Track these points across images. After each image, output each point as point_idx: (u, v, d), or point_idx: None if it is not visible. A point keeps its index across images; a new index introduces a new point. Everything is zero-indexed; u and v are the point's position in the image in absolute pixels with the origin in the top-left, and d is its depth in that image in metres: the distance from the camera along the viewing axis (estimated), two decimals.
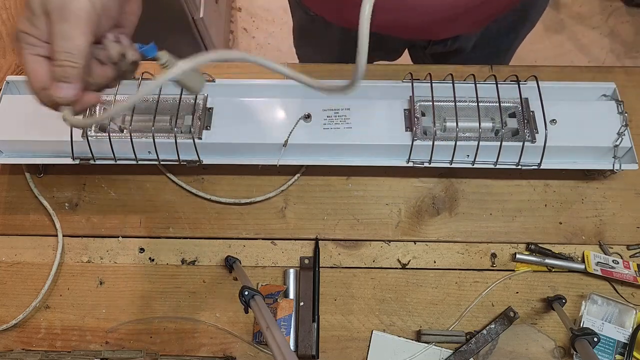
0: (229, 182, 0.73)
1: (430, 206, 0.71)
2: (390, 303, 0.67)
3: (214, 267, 0.69)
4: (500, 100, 0.67)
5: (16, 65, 0.80)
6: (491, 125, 0.68)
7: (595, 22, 1.98)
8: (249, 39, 1.97)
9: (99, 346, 0.66)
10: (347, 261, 0.69)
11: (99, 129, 0.67)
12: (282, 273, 0.69)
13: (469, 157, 0.66)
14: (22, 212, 0.72)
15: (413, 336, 0.66)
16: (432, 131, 0.66)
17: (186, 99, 0.68)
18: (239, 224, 0.71)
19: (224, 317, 0.67)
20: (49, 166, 0.74)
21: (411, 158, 0.67)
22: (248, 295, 0.53)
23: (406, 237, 0.70)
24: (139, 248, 0.70)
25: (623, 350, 0.64)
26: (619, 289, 0.67)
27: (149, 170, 0.73)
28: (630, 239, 0.69)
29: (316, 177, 0.73)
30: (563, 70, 0.77)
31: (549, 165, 0.67)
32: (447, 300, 0.67)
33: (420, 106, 0.68)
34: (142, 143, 0.66)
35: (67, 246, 0.70)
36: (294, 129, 0.67)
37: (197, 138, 0.66)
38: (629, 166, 0.66)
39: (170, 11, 1.34)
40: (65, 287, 0.69)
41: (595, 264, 0.67)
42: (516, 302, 0.67)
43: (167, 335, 0.66)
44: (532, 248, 0.68)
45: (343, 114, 0.68)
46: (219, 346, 0.66)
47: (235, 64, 0.79)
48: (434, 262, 0.69)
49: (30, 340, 0.67)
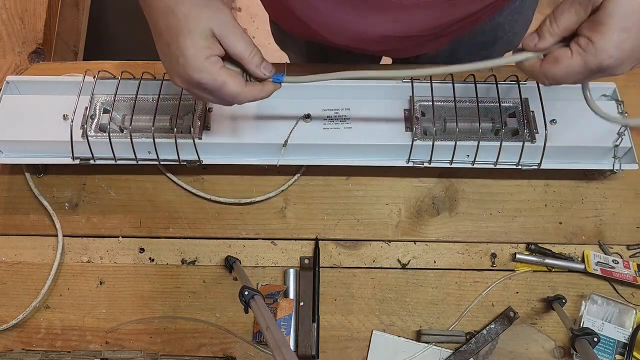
0: (229, 182, 0.73)
1: (430, 206, 0.71)
2: (390, 303, 0.67)
3: (214, 267, 0.69)
4: (500, 100, 0.67)
5: (16, 65, 0.80)
6: (491, 125, 0.68)
7: None
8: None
9: (99, 346, 0.66)
10: (347, 261, 0.69)
11: (99, 129, 0.67)
12: (282, 273, 0.69)
13: (469, 157, 0.66)
14: (22, 212, 0.72)
15: (413, 336, 0.66)
16: (432, 131, 0.66)
17: (186, 99, 0.68)
18: (239, 224, 0.71)
19: (224, 317, 0.67)
20: (49, 166, 0.74)
21: (411, 158, 0.67)
22: (248, 295, 0.53)
23: (406, 237, 0.70)
24: (139, 248, 0.70)
25: (623, 350, 0.64)
26: (619, 289, 0.67)
27: (149, 170, 0.73)
28: (630, 239, 0.69)
29: (316, 177, 0.73)
30: None
31: (549, 165, 0.67)
32: (447, 300, 0.67)
33: (420, 106, 0.68)
34: (142, 143, 0.66)
35: (67, 246, 0.70)
36: (293, 129, 0.67)
37: (197, 138, 0.66)
38: (629, 166, 0.66)
39: None
40: (65, 287, 0.69)
41: (595, 263, 0.67)
42: (516, 302, 0.67)
43: (167, 335, 0.66)
44: (532, 248, 0.68)
45: (343, 114, 0.68)
46: (219, 346, 0.66)
47: None
48: (434, 262, 0.69)
49: (30, 340, 0.67)
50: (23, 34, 0.82)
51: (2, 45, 0.81)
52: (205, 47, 0.47)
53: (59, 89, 0.70)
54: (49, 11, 0.83)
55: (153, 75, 0.69)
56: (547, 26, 0.45)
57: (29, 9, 0.83)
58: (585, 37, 0.43)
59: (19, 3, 0.83)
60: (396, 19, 0.58)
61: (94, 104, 0.68)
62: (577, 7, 0.43)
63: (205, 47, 0.47)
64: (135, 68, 0.74)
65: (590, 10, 0.43)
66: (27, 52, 0.81)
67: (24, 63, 0.80)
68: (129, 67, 0.73)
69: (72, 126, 0.65)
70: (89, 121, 0.67)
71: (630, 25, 0.41)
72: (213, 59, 0.48)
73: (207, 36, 0.47)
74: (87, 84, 0.68)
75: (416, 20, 0.59)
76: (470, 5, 0.60)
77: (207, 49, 0.47)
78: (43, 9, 0.83)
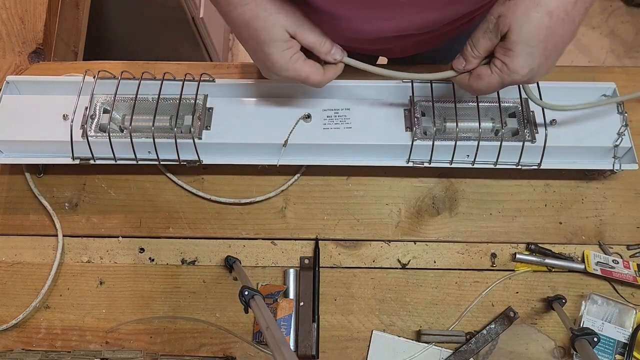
0: (229, 182, 0.73)
1: (430, 206, 0.71)
2: (390, 303, 0.67)
3: (214, 267, 0.69)
4: (500, 100, 0.67)
5: (16, 65, 0.80)
6: (491, 125, 0.68)
7: (595, 22, 1.98)
8: None
9: (99, 346, 0.66)
10: (347, 261, 0.69)
11: (99, 129, 0.67)
12: (282, 273, 0.69)
13: (469, 157, 0.66)
14: (22, 212, 0.72)
15: (413, 336, 0.66)
16: (432, 131, 0.66)
17: (186, 99, 0.68)
18: (239, 224, 0.71)
19: (224, 317, 0.67)
20: (49, 166, 0.74)
21: (411, 158, 0.67)
22: (248, 295, 0.53)
23: (406, 237, 0.70)
24: (139, 248, 0.70)
25: (623, 350, 0.64)
26: (618, 289, 0.67)
27: (149, 170, 0.73)
28: (630, 239, 0.69)
29: (316, 177, 0.73)
30: (563, 70, 0.77)
31: (549, 165, 0.67)
32: (447, 300, 0.67)
33: (420, 106, 0.68)
34: (142, 143, 0.66)
35: (67, 246, 0.70)
36: (294, 129, 0.67)
37: (197, 138, 0.66)
38: (629, 166, 0.66)
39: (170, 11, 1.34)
40: (65, 287, 0.69)
41: (595, 263, 0.67)
42: (516, 302, 0.67)
43: (167, 335, 0.66)
44: (532, 248, 0.68)
45: (343, 114, 0.68)
46: (219, 346, 0.66)
47: (234, 63, 0.79)
48: (434, 262, 0.69)
49: (30, 340, 0.67)
50: (23, 34, 0.82)
51: (2, 45, 0.81)
52: (286, 49, 0.54)
53: (59, 89, 0.70)
54: (49, 11, 0.83)
55: (153, 75, 0.69)
56: (470, 52, 0.54)
57: (29, 9, 0.83)
58: (499, 60, 0.52)
59: (19, 3, 0.83)
60: (390, 16, 0.59)
61: (94, 104, 0.68)
62: (490, 34, 0.51)
63: (286, 49, 0.54)
64: (135, 68, 0.74)
65: (500, 35, 0.50)
66: (27, 52, 0.81)
67: (24, 63, 0.80)
68: (129, 67, 0.73)
69: (72, 126, 0.65)
70: (89, 121, 0.67)
71: (532, 50, 0.49)
72: (295, 56, 0.55)
73: (286, 39, 0.54)
74: (87, 84, 0.68)
75: (412, 19, 0.60)
76: (466, 3, 0.60)
77: (287, 50, 0.54)
78: (43, 9, 0.83)
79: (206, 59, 1.59)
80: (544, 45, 0.49)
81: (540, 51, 0.50)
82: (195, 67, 0.76)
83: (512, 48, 0.50)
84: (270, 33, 0.53)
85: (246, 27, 0.54)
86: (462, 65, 0.55)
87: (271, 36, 0.53)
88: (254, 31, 0.53)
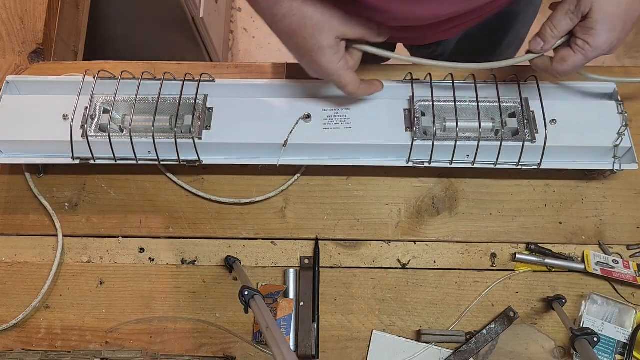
0: (229, 182, 0.73)
1: (430, 206, 0.71)
2: (390, 303, 0.67)
3: (214, 267, 0.69)
4: (500, 100, 0.67)
5: (16, 65, 0.80)
6: (491, 125, 0.68)
7: None
8: (249, 39, 1.97)
9: (99, 346, 0.66)
10: (347, 261, 0.69)
11: (99, 129, 0.67)
12: (282, 273, 0.69)
13: (469, 157, 0.66)
14: (22, 212, 0.72)
15: (413, 336, 0.66)
16: (432, 131, 0.66)
17: (186, 99, 0.68)
18: (239, 224, 0.71)
19: (224, 317, 0.67)
20: (49, 166, 0.74)
21: (411, 158, 0.67)
22: (248, 295, 0.53)
23: (406, 237, 0.70)
24: (139, 248, 0.70)
25: (623, 350, 0.64)
26: (618, 289, 0.67)
27: (149, 170, 0.73)
28: (630, 239, 0.69)
29: (316, 177, 0.73)
30: None
31: (549, 165, 0.67)
32: (447, 300, 0.67)
33: (420, 106, 0.68)
34: (142, 143, 0.66)
35: (67, 246, 0.70)
36: (294, 129, 0.67)
37: (197, 138, 0.66)
38: (629, 166, 0.66)
39: (170, 11, 1.34)
40: (65, 287, 0.69)
41: (595, 263, 0.67)
42: (516, 302, 0.67)
43: (167, 335, 0.66)
44: (532, 248, 0.69)
45: (343, 114, 0.68)
46: (219, 346, 0.66)
47: (234, 63, 0.79)
48: (433, 262, 0.69)
49: (30, 340, 0.67)
50: (23, 34, 0.82)
51: (2, 45, 0.81)
52: (334, 54, 0.56)
53: (59, 89, 0.70)
54: (49, 11, 0.83)
55: (153, 75, 0.69)
56: (549, 32, 0.57)
57: (29, 9, 0.83)
58: (581, 39, 0.56)
59: (19, 3, 0.83)
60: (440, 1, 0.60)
61: (94, 104, 0.68)
62: (571, 15, 0.56)
63: (334, 54, 0.56)
64: (135, 68, 0.74)
65: (581, 16, 0.55)
66: (27, 52, 0.81)
67: (24, 63, 0.80)
68: (129, 67, 0.73)
69: (72, 126, 0.65)
70: (89, 121, 0.67)
71: (613, 25, 0.54)
72: (341, 63, 0.57)
73: (333, 44, 0.55)
74: (87, 84, 0.68)
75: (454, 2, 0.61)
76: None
77: (335, 55, 0.56)
78: (43, 9, 0.83)
79: (206, 59, 1.59)
80: (623, 20, 0.53)
81: (620, 26, 0.54)
82: (195, 67, 0.76)
83: (594, 27, 0.54)
84: (318, 41, 0.54)
85: (293, 37, 0.55)
86: (540, 46, 0.59)
87: (320, 44, 0.55)
88: (301, 40, 0.55)
